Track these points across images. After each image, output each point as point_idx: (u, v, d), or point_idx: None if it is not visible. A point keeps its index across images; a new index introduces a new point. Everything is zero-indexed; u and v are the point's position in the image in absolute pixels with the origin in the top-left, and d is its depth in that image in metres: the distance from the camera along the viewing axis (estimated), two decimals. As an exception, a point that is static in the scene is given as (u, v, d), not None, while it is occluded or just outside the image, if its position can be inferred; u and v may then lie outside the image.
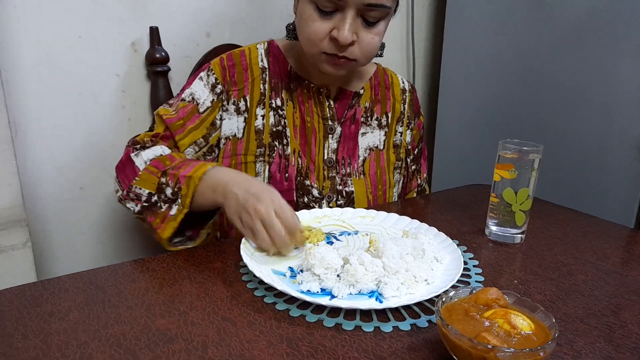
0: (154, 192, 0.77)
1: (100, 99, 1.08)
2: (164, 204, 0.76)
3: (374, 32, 0.80)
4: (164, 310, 0.57)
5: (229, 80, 0.88)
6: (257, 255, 0.68)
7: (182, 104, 0.87)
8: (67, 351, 0.50)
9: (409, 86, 1.03)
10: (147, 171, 0.78)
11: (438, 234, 0.75)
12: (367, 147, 0.96)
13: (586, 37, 1.13)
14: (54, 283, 0.62)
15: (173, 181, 0.75)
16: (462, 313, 0.50)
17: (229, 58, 0.89)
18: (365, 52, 0.81)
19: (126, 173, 0.82)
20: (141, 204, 0.78)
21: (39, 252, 1.08)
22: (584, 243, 0.79)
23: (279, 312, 0.58)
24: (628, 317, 0.59)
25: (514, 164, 0.75)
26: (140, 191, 0.78)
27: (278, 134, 0.89)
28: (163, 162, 0.79)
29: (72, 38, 1.02)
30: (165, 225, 0.75)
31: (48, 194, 1.07)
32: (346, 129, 0.93)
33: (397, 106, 1.00)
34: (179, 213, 0.75)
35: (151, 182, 0.77)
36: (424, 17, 1.56)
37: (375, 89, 0.98)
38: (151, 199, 0.77)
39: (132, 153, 0.83)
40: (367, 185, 0.95)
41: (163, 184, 0.76)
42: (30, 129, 1.02)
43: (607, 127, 1.12)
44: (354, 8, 0.76)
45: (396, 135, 1.00)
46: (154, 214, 0.77)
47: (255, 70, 0.89)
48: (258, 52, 0.91)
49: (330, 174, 0.92)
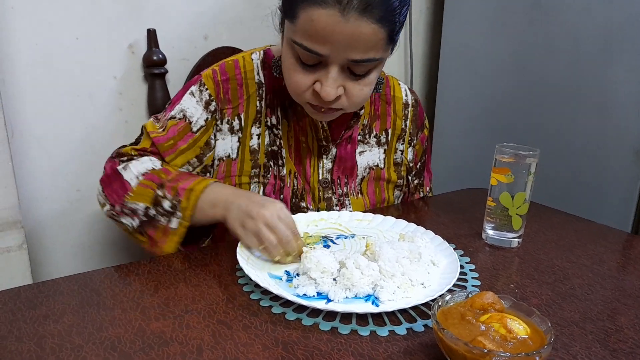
0: (150, 205, 0.74)
1: (97, 101, 1.07)
2: (162, 217, 0.74)
3: (362, 83, 0.73)
4: (159, 313, 0.57)
5: (222, 97, 0.82)
6: (253, 258, 0.68)
7: (172, 122, 0.82)
8: (62, 354, 0.50)
9: (413, 99, 0.96)
10: (141, 186, 0.76)
11: (435, 237, 0.75)
12: (366, 165, 0.91)
13: (583, 40, 1.14)
14: (49, 285, 0.62)
15: (172, 194, 0.74)
16: (458, 317, 0.50)
17: (222, 72, 0.83)
18: (354, 102, 0.75)
19: (114, 188, 0.78)
20: (139, 218, 0.75)
21: (34, 254, 1.07)
22: (580, 247, 0.79)
23: (274, 315, 0.57)
24: (624, 322, 0.59)
25: (510, 168, 0.75)
26: (136, 206, 0.75)
27: (273, 154, 0.85)
28: (158, 175, 0.76)
29: (69, 40, 1.01)
30: (167, 240, 0.74)
31: (44, 195, 1.07)
32: (342, 150, 0.88)
33: (398, 123, 0.94)
34: (180, 227, 0.73)
35: (147, 196, 0.75)
36: (421, 21, 1.57)
37: (375, 104, 0.92)
38: (148, 212, 0.75)
39: (118, 166, 0.79)
40: (366, 204, 0.91)
41: (160, 196, 0.74)
42: (26, 130, 1.02)
43: (605, 131, 1.13)
44: (337, 63, 0.70)
45: (397, 153, 0.94)
46: (155, 228, 0.75)
47: (251, 86, 0.84)
48: (254, 65, 0.84)
49: (326, 195, 0.88)
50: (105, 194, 0.79)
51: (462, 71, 1.42)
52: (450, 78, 1.47)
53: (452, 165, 1.50)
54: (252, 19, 1.21)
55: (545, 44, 1.21)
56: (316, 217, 0.82)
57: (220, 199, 0.72)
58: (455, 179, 1.47)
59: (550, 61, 1.21)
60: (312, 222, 0.81)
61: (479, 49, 1.37)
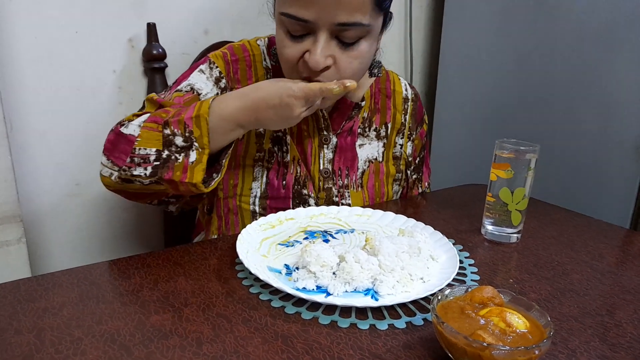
0: (161, 148, 0.70)
1: (97, 95, 1.07)
2: (179, 154, 0.70)
3: (352, 54, 0.73)
4: (159, 306, 0.57)
5: (232, 76, 0.84)
6: (252, 252, 0.68)
7: (178, 94, 0.80)
8: (61, 347, 0.50)
9: (412, 94, 0.97)
10: (145, 129, 0.71)
11: (434, 232, 0.75)
12: (366, 159, 0.91)
13: (585, 37, 1.13)
14: (48, 279, 0.62)
15: (180, 128, 0.70)
16: (458, 311, 0.50)
17: (232, 53, 0.85)
18: (344, 76, 0.74)
19: (120, 149, 0.73)
20: (151, 165, 0.71)
21: (34, 248, 1.07)
22: (579, 243, 0.79)
23: (274, 309, 0.57)
24: (623, 317, 0.59)
25: (510, 164, 0.75)
26: (146, 151, 0.71)
27: (278, 139, 0.86)
28: (159, 116, 0.72)
29: (69, 33, 1.01)
30: (190, 174, 0.70)
31: (44, 189, 1.06)
32: (342, 140, 0.89)
33: (397, 117, 0.94)
34: (200, 156, 0.70)
35: (154, 139, 0.71)
36: (421, 18, 1.56)
37: (375, 97, 0.93)
38: (161, 155, 0.70)
39: (120, 129, 0.74)
40: (365, 198, 0.91)
41: (169, 135, 0.70)
42: (26, 124, 1.01)
43: (605, 128, 1.13)
44: (325, 29, 0.70)
45: (396, 147, 0.95)
46: (170, 169, 0.70)
47: (259, 69, 0.85)
48: (260, 50, 0.87)
49: (327, 185, 0.88)
50: (112, 159, 0.73)
51: (462, 68, 1.42)
52: (450, 75, 1.47)
53: (451, 162, 1.50)
54: (253, 13, 1.21)
55: (545, 41, 1.21)
56: (316, 212, 0.82)
57: (232, 112, 0.71)
58: (454, 175, 1.47)
59: (550, 58, 1.20)
60: (312, 218, 0.81)
61: (479, 46, 1.36)
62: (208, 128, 0.70)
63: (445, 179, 1.49)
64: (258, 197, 0.86)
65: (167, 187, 0.73)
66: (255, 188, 0.86)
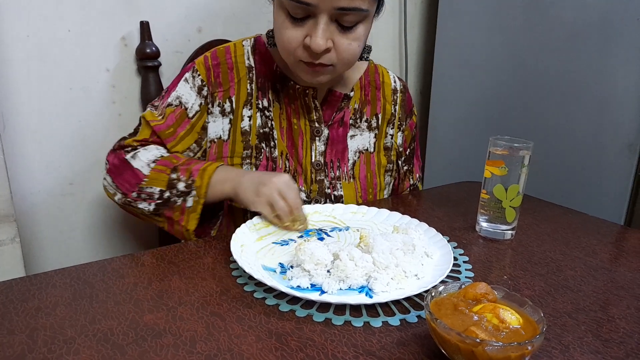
0: (164, 188, 0.79)
1: (90, 94, 1.07)
2: (178, 198, 0.78)
3: (351, 37, 0.75)
4: (152, 305, 0.57)
5: (213, 81, 0.85)
6: (247, 250, 0.68)
7: (170, 109, 0.84)
8: (54, 346, 0.49)
9: (401, 85, 0.99)
10: (155, 171, 0.80)
11: (428, 229, 0.75)
12: (356, 150, 0.93)
13: (579, 35, 1.14)
14: (41, 278, 0.62)
15: (185, 175, 0.78)
16: (451, 307, 0.50)
17: (214, 57, 0.86)
18: (343, 58, 0.77)
19: (125, 177, 0.82)
20: (154, 202, 0.79)
21: (27, 248, 1.07)
22: (573, 239, 0.80)
23: (268, 307, 0.57)
24: (616, 312, 0.59)
25: (504, 161, 0.75)
26: (152, 190, 0.79)
27: (265, 135, 0.87)
28: (170, 161, 0.81)
29: (61, 32, 1.00)
30: (187, 217, 0.79)
31: (37, 189, 1.06)
32: (334, 132, 0.90)
33: (387, 107, 0.96)
34: (196, 204, 0.78)
35: (161, 180, 0.79)
36: (416, 15, 1.56)
37: (365, 89, 0.94)
38: (163, 195, 0.79)
39: (125, 156, 0.83)
40: (357, 189, 0.92)
41: (174, 179, 0.78)
42: (19, 123, 1.01)
43: (599, 125, 1.13)
44: (326, 13, 0.72)
45: (387, 137, 0.97)
46: (171, 209, 0.79)
47: (241, 69, 0.86)
48: (244, 50, 0.88)
49: (319, 177, 0.89)
50: (117, 184, 0.83)
51: (457, 66, 1.42)
52: (445, 72, 1.47)
53: (446, 159, 1.51)
54: (246, 11, 1.21)
55: (540, 39, 1.21)
56: (310, 210, 0.82)
57: (230, 176, 0.78)
58: (449, 173, 1.47)
59: (544, 56, 1.21)
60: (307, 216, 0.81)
61: (473, 44, 1.36)
62: (209, 182, 0.77)
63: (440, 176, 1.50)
64: None
65: (164, 221, 0.81)
66: None
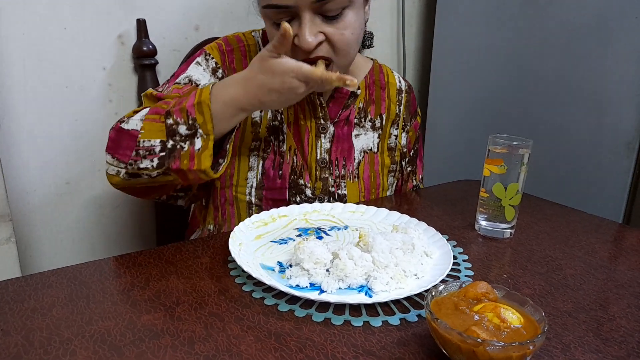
0: (165, 138, 0.70)
1: (87, 93, 1.06)
2: (184, 143, 0.70)
3: (340, 26, 0.74)
4: (150, 305, 0.56)
5: (228, 66, 0.84)
6: (245, 250, 0.68)
7: (177, 86, 0.80)
8: (50, 347, 0.49)
9: (406, 86, 0.99)
10: (148, 121, 0.71)
11: (428, 228, 0.74)
12: (361, 149, 0.92)
13: (578, 33, 1.13)
14: (37, 278, 0.61)
15: (182, 117, 0.70)
16: (452, 307, 0.50)
17: (227, 43, 0.86)
18: (339, 49, 0.75)
19: (123, 145, 0.72)
20: (157, 156, 0.71)
21: (23, 248, 1.06)
22: (572, 238, 0.79)
23: (267, 307, 0.57)
24: (616, 311, 0.59)
25: (503, 159, 0.75)
26: (150, 143, 0.70)
27: (275, 129, 0.86)
28: (160, 107, 0.72)
29: (57, 30, 1.00)
30: (198, 160, 0.70)
31: (33, 188, 1.05)
32: (339, 130, 0.90)
33: (392, 108, 0.95)
34: (205, 143, 0.70)
35: (158, 130, 0.70)
36: (414, 13, 1.56)
37: (369, 89, 0.94)
38: (166, 145, 0.70)
39: (120, 124, 0.74)
40: (361, 188, 0.92)
41: (172, 124, 0.70)
42: (15, 122, 1.00)
43: (597, 124, 1.13)
44: (307, 9, 0.71)
45: (390, 137, 0.96)
46: (177, 158, 0.70)
47: None
48: (255, 40, 0.88)
49: (323, 175, 0.88)
50: (117, 157, 0.73)
51: (455, 64, 1.42)
52: (443, 71, 1.46)
53: (445, 158, 1.50)
54: (244, 10, 1.20)
55: (539, 37, 1.21)
56: (309, 209, 0.82)
57: (233, 97, 0.70)
58: (448, 171, 1.47)
59: (543, 54, 1.20)
60: (305, 214, 0.81)
61: (472, 42, 1.36)
62: (211, 114, 0.69)
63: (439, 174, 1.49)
64: (254, 188, 0.85)
65: (176, 177, 0.73)
66: (251, 178, 0.86)
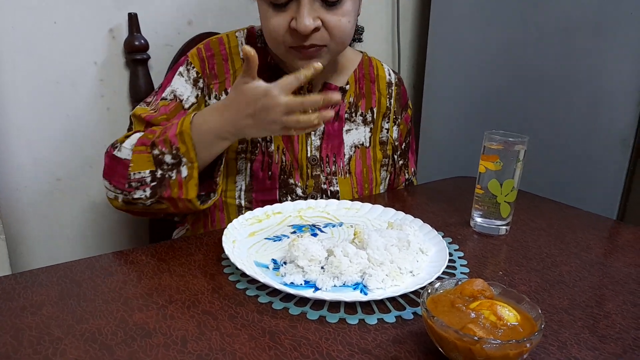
0: (154, 168, 0.72)
1: (78, 88, 1.04)
2: (171, 172, 0.72)
3: (339, 13, 0.74)
4: (142, 304, 0.55)
5: (208, 73, 0.84)
6: (239, 247, 0.67)
7: (164, 103, 0.82)
8: (40, 347, 0.48)
9: (396, 78, 0.99)
10: (136, 153, 0.74)
11: (423, 225, 0.74)
12: (352, 144, 0.91)
13: (573, 30, 1.13)
14: (27, 276, 0.60)
15: (166, 147, 0.72)
16: (448, 304, 0.50)
17: (207, 48, 0.85)
18: (335, 36, 0.75)
19: (119, 173, 0.75)
20: (149, 186, 0.73)
21: (13, 245, 1.04)
22: (568, 234, 0.79)
23: (261, 305, 0.56)
24: (612, 308, 0.59)
25: (499, 155, 0.75)
26: (141, 175, 0.73)
27: None
28: (146, 137, 0.75)
29: (47, 24, 0.98)
30: (185, 189, 0.72)
31: (24, 184, 1.03)
32: (329, 126, 0.89)
33: (382, 101, 0.95)
34: (191, 171, 0.72)
35: (146, 161, 0.73)
36: (409, 7, 1.55)
37: (359, 82, 0.93)
38: (156, 175, 0.72)
39: (113, 152, 0.77)
40: (353, 184, 0.91)
41: (158, 154, 0.72)
42: (4, 118, 0.98)
43: (593, 121, 1.13)
44: None
45: (382, 131, 0.95)
46: (168, 187, 0.72)
47: (236, 61, 0.85)
48: (238, 41, 0.86)
49: (314, 173, 0.88)
50: (113, 184, 0.76)
51: (451, 59, 1.41)
52: (439, 66, 1.46)
53: (440, 154, 1.50)
54: (237, 4, 1.19)
55: (534, 33, 1.20)
56: (303, 205, 0.81)
57: (212, 125, 0.72)
58: (443, 168, 1.46)
59: (538, 50, 1.20)
60: (299, 212, 0.80)
61: (467, 38, 1.36)
62: (192, 143, 0.71)
63: (434, 171, 1.49)
64: (243, 191, 0.85)
65: (168, 205, 0.75)
66: (240, 181, 0.85)
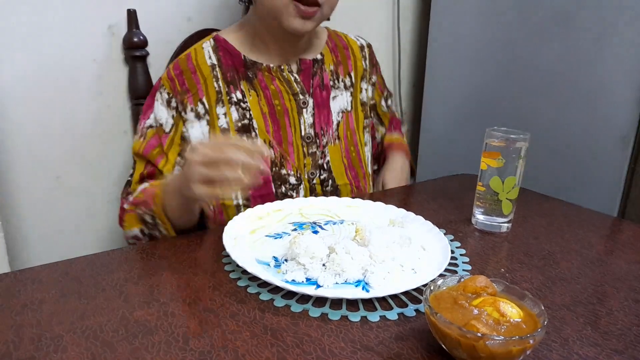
0: (142, 226, 0.79)
1: (77, 85, 1.04)
2: (154, 230, 0.78)
3: None
4: (143, 301, 0.55)
5: (180, 89, 0.85)
6: (240, 244, 0.66)
7: (151, 132, 0.85)
8: (40, 344, 0.48)
9: (366, 43, 1.03)
10: (128, 213, 0.81)
11: (425, 222, 0.74)
12: (339, 110, 0.95)
13: (573, 27, 1.13)
14: (27, 274, 0.60)
15: (146, 207, 0.77)
16: (451, 301, 0.49)
17: (176, 67, 0.87)
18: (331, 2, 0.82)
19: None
20: (143, 239, 0.80)
21: (12, 243, 1.04)
22: (569, 232, 0.79)
23: (262, 302, 0.56)
24: (613, 305, 0.59)
25: (500, 152, 0.74)
26: (134, 232, 0.80)
27: (245, 128, 0.86)
28: (137, 197, 0.81)
29: (46, 21, 0.97)
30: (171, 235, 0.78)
31: (22, 183, 1.03)
32: (318, 98, 0.92)
33: (359, 64, 1.00)
34: (167, 229, 0.76)
35: (135, 220, 0.80)
36: (409, 6, 1.55)
37: (334, 52, 0.97)
38: (144, 232, 0.79)
39: (124, 204, 0.83)
40: (342, 149, 0.94)
41: (142, 214, 0.78)
42: (3, 115, 0.98)
43: (593, 118, 1.13)
44: None
45: (362, 92, 1.00)
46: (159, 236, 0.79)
47: (204, 70, 0.86)
48: (204, 51, 0.88)
49: (311, 150, 0.90)
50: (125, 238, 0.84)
51: (451, 57, 1.41)
52: (439, 65, 1.46)
53: (441, 152, 1.50)
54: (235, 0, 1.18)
55: (534, 31, 1.20)
56: (305, 203, 0.81)
57: (171, 187, 0.74)
58: (444, 165, 1.46)
59: (538, 48, 1.20)
60: (300, 209, 0.80)
61: (467, 36, 1.35)
62: (163, 204, 0.75)
63: (435, 168, 1.49)
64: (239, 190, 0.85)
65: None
66: None
